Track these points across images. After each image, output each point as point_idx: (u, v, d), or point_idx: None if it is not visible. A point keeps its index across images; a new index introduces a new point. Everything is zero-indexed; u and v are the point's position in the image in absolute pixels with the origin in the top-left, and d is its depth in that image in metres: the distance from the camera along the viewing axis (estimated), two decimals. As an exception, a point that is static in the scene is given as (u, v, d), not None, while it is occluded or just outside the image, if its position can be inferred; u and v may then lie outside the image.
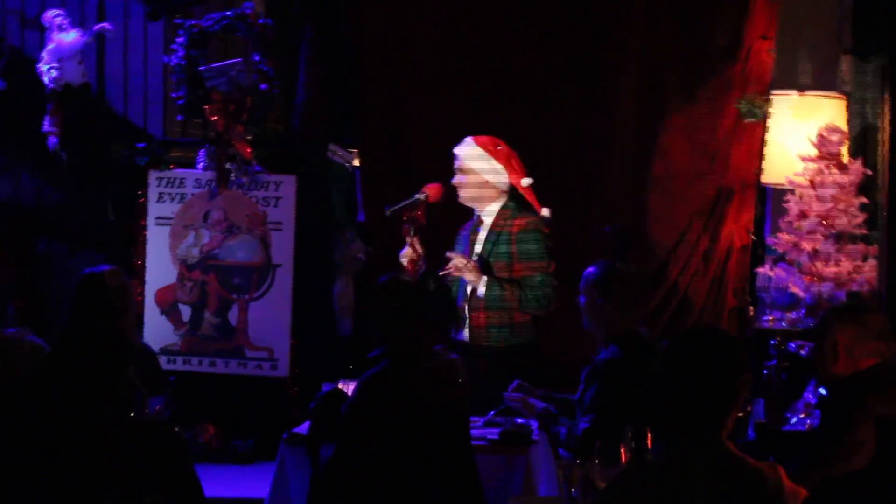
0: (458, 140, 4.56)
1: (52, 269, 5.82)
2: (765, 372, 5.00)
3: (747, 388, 2.62)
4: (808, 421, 4.95)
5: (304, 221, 5.60)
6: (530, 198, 4.33)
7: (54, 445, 2.64)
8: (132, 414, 3.13)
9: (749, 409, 5.09)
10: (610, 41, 5.78)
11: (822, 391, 4.04)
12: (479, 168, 4.30)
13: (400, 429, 3.63)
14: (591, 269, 4.09)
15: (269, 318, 5.60)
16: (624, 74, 5.77)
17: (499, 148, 4.36)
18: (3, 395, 2.85)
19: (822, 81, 5.76)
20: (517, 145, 4.66)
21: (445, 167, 4.53)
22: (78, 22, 5.75)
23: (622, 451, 2.98)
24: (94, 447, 2.61)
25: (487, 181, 4.33)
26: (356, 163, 5.97)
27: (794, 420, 4.96)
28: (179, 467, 2.97)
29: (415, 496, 3.71)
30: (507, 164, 4.34)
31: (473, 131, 4.69)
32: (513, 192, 4.38)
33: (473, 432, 3.79)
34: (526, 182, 4.35)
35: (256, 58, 5.56)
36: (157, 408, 4.04)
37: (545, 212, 4.44)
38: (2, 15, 5.94)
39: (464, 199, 4.39)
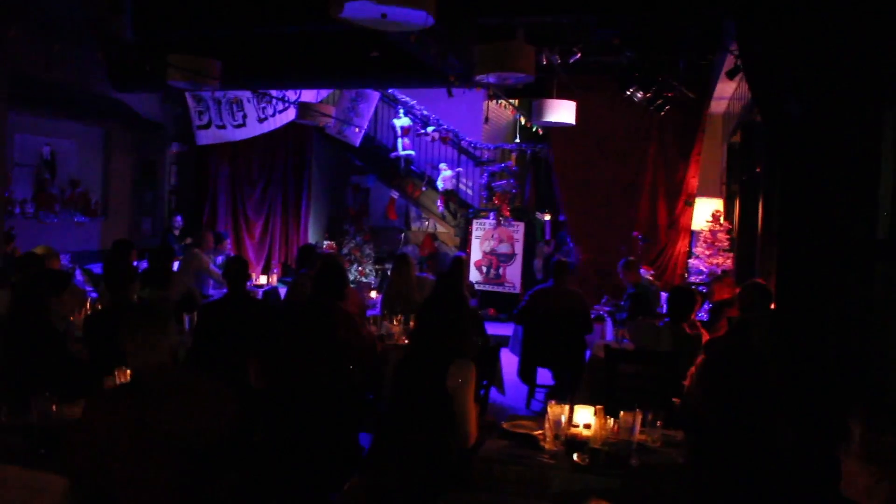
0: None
1: (441, 256, 12.13)
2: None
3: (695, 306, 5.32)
4: (705, 317, 8.27)
5: (527, 239, 11.73)
6: None
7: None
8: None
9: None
10: (645, 173, 11.26)
11: (708, 306, 6.85)
12: None
13: (555, 310, 7.06)
14: (622, 262, 8.24)
15: (513, 272, 11.98)
16: (647, 186, 11.28)
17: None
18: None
19: (715, 192, 11.28)
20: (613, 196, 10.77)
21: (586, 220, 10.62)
22: (451, 167, 12.39)
23: (639, 326, 6.09)
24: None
25: None
26: (547, 217, 12.03)
27: (700, 316, 8.59)
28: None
29: (564, 344, 7.12)
30: None
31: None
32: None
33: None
34: None
35: (512, 181, 12.01)
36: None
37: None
38: (426, 166, 12.27)
39: None
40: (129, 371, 3.56)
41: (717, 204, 10.78)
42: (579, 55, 7.97)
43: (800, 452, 2.51)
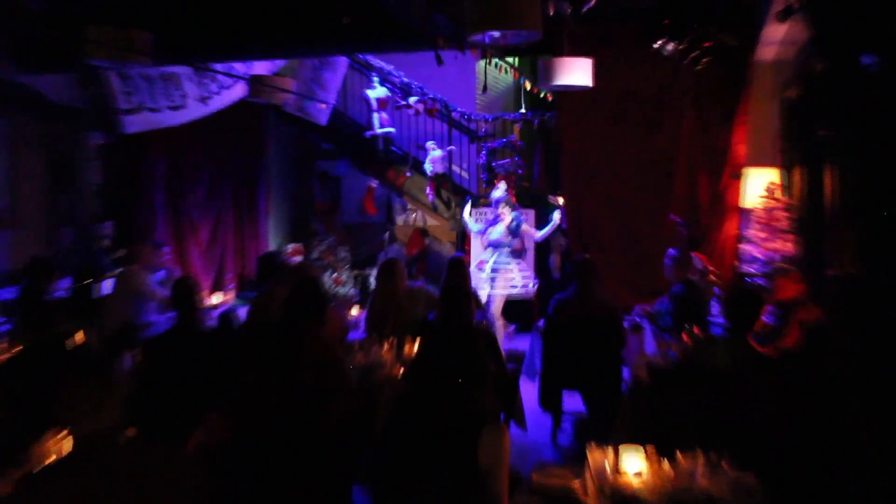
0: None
1: (434, 256, 12.02)
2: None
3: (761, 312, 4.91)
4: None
5: (538, 225, 11.59)
6: None
7: None
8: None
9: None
10: (680, 142, 10.91)
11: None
12: None
13: (580, 320, 6.93)
14: (672, 252, 7.96)
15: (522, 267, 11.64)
16: (682, 158, 10.95)
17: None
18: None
19: (768, 160, 10.88)
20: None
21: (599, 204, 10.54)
22: (441, 146, 12.25)
23: (685, 335, 6.00)
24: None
25: None
26: (560, 201, 11.74)
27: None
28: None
29: (594, 362, 6.87)
30: None
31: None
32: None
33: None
34: None
35: (517, 159, 11.87)
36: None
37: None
38: (410, 146, 12.24)
39: None
40: (63, 438, 3.50)
41: (772, 175, 10.61)
42: (594, 2, 7.87)
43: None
